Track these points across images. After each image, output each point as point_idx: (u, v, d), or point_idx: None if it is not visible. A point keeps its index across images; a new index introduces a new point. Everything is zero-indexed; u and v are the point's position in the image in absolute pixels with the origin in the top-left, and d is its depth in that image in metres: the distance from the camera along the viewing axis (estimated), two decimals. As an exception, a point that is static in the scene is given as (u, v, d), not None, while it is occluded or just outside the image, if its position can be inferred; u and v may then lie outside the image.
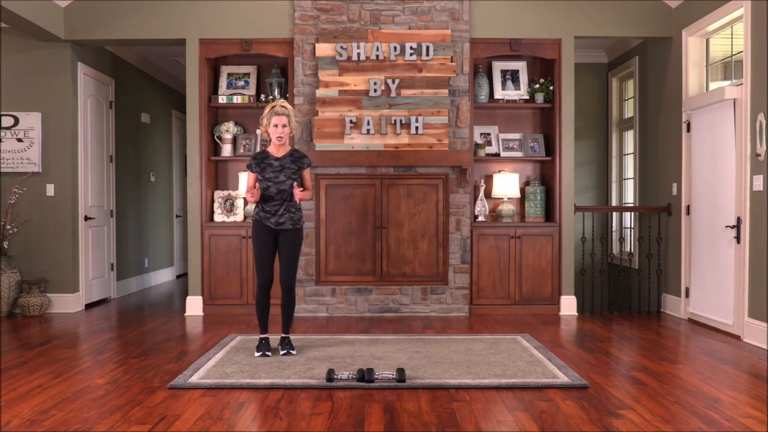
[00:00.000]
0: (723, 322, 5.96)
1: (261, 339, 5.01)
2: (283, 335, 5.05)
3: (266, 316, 5.03)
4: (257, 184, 4.91)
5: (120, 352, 5.21)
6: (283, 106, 4.91)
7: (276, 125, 4.87)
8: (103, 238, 7.85)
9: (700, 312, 6.37)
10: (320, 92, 6.64)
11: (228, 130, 7.07)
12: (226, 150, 7.10)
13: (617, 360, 4.97)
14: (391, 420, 3.53)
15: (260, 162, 4.95)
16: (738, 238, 5.70)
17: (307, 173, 5.03)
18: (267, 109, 4.93)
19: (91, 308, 7.35)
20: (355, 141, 6.63)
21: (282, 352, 4.94)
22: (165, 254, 10.04)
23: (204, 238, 6.89)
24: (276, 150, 4.97)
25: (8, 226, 6.82)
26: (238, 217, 7.05)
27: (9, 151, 6.97)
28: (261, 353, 4.89)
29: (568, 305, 6.93)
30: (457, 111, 6.80)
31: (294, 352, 4.94)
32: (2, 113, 6.98)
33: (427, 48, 6.64)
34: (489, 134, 7.28)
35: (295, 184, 4.88)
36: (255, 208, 5.02)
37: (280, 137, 4.88)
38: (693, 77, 6.62)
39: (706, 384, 4.23)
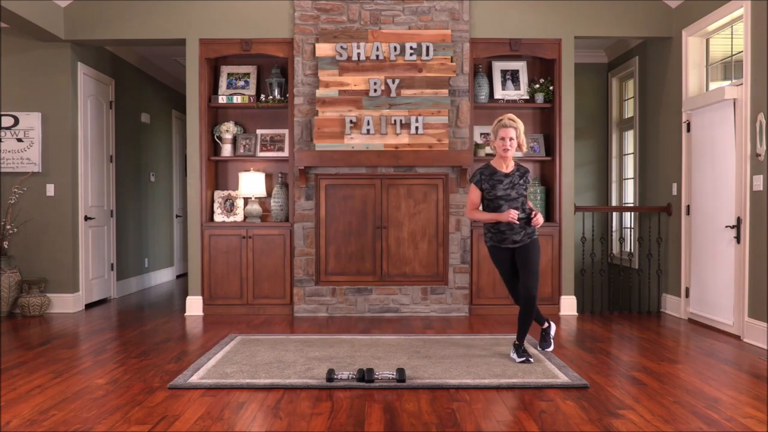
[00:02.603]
0: (723, 322, 5.96)
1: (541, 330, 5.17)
2: (516, 343, 4.80)
3: (534, 317, 4.86)
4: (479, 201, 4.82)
5: (120, 352, 5.21)
6: (511, 119, 4.73)
7: (503, 138, 4.70)
8: (103, 238, 7.85)
9: (700, 312, 6.37)
10: (320, 92, 6.64)
11: (228, 130, 7.07)
12: (226, 150, 7.10)
13: (617, 360, 4.97)
14: (391, 420, 3.53)
15: (489, 178, 4.77)
16: (738, 238, 5.70)
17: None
18: (494, 124, 4.78)
19: (91, 308, 7.35)
20: (355, 141, 6.63)
21: (520, 360, 4.67)
22: (165, 254, 10.04)
23: (204, 238, 6.89)
24: (503, 164, 4.80)
25: (8, 226, 6.82)
26: (238, 217, 7.05)
27: (9, 151, 6.97)
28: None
29: (568, 305, 6.93)
30: (457, 111, 6.80)
31: (532, 360, 4.68)
32: (2, 113, 6.98)
33: (427, 48, 6.64)
34: (489, 134, 7.28)
35: (534, 213, 4.75)
36: (486, 233, 4.88)
37: (507, 149, 4.70)
38: (693, 77, 6.62)
39: (706, 384, 4.23)
